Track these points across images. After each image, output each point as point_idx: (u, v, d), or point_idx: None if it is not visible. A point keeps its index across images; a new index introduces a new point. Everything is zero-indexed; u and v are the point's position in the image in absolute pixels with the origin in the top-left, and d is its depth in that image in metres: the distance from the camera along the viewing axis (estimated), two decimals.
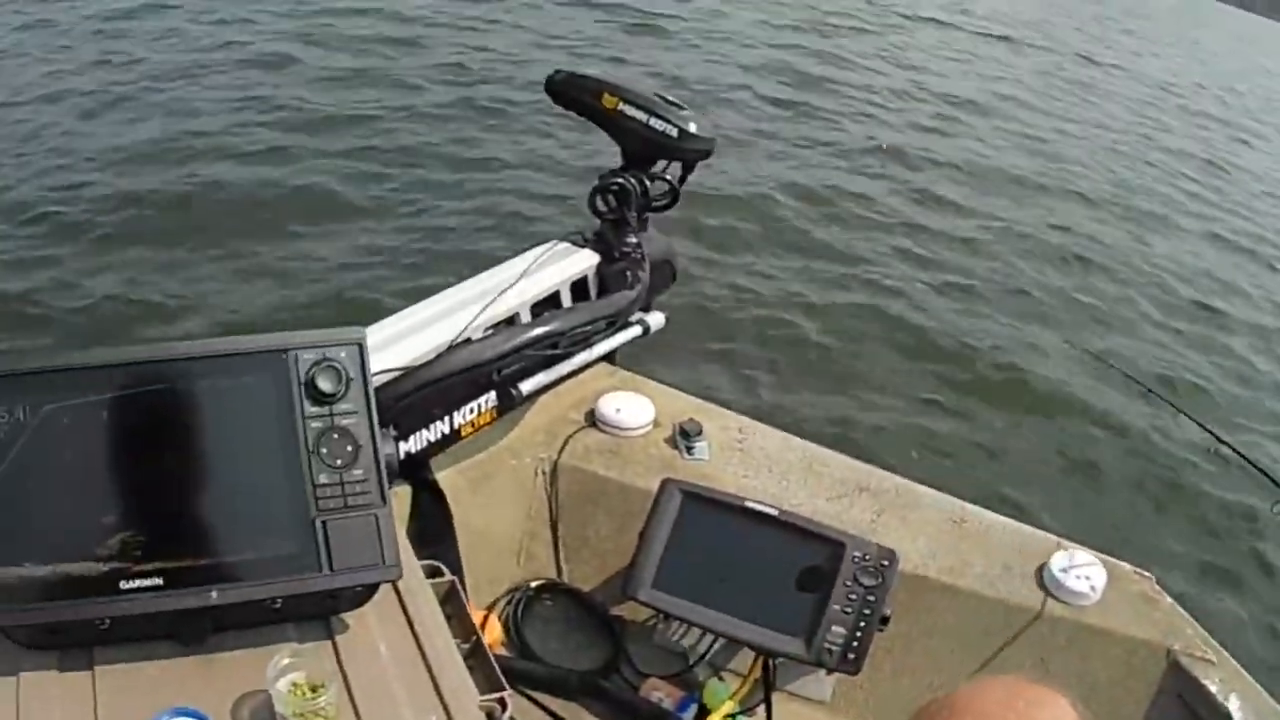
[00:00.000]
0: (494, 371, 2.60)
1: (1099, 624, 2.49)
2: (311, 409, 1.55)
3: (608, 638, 2.67)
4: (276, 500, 1.53)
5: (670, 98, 2.88)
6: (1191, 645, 2.45)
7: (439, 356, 2.44)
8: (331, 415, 1.55)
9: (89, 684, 1.48)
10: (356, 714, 1.48)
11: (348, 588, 1.57)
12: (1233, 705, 2.36)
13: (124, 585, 1.44)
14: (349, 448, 1.55)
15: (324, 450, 1.54)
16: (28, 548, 1.42)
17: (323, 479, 1.53)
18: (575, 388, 2.95)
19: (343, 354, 1.58)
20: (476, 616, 2.05)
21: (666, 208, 3.00)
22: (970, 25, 19.09)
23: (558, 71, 2.95)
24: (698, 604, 2.40)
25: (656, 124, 2.81)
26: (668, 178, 2.98)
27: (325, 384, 1.55)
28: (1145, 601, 2.54)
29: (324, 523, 1.52)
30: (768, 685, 2.44)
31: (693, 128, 2.83)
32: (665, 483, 2.49)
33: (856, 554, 2.35)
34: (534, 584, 2.73)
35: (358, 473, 1.55)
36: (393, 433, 1.66)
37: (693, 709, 2.49)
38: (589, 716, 2.50)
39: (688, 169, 2.95)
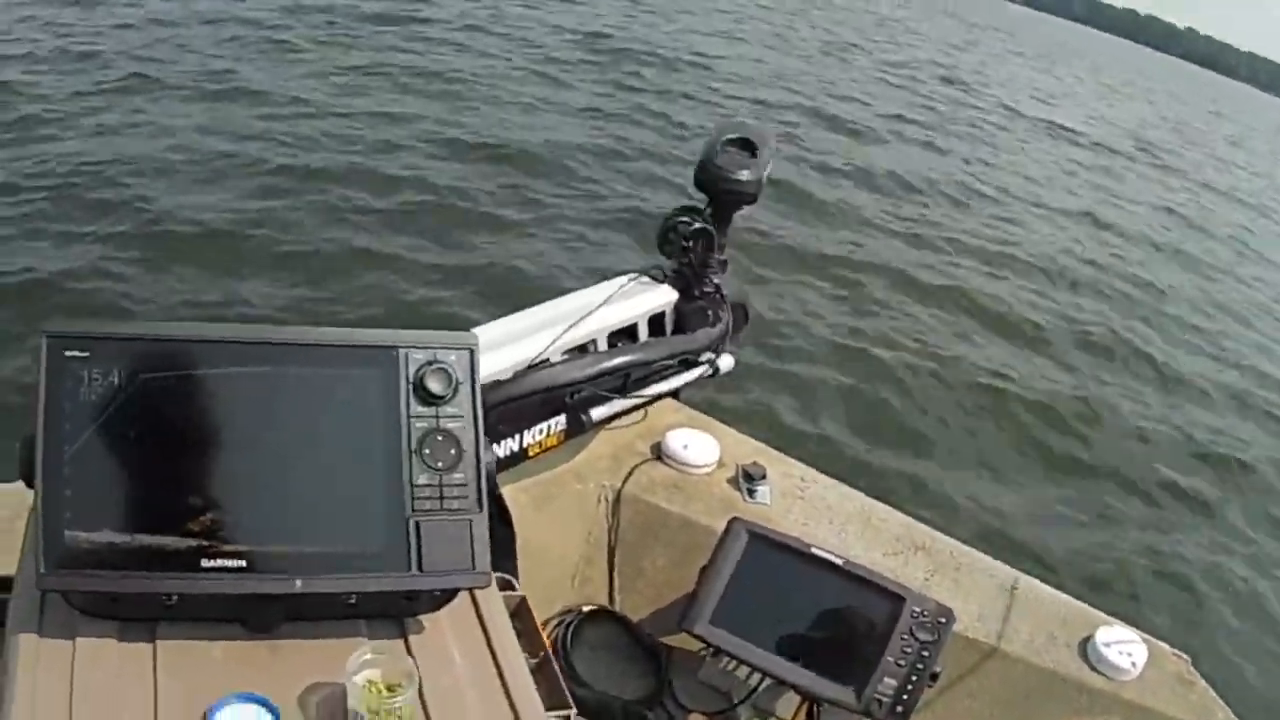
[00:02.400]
0: (568, 395, 2.62)
1: (1137, 700, 2.49)
2: (418, 409, 1.55)
3: (654, 669, 2.66)
4: (371, 496, 1.52)
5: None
6: None
7: (517, 375, 2.46)
8: (437, 417, 1.56)
9: (149, 658, 1.45)
10: (428, 717, 1.46)
11: (434, 590, 1.57)
12: None
13: (205, 564, 1.42)
14: (451, 451, 1.55)
15: (426, 451, 1.54)
16: (108, 514, 1.40)
17: (421, 479, 1.53)
18: (641, 420, 2.97)
19: (453, 357, 1.58)
20: None
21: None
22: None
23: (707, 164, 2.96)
24: (752, 643, 2.40)
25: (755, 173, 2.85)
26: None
27: (434, 385, 1.55)
28: (1180, 683, 2.54)
29: (418, 523, 1.52)
30: None
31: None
32: (733, 521, 2.50)
33: (915, 609, 2.35)
34: (586, 608, 2.73)
35: (457, 477, 1.55)
36: None
37: None
38: None
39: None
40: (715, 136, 2.94)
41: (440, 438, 1.55)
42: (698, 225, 2.92)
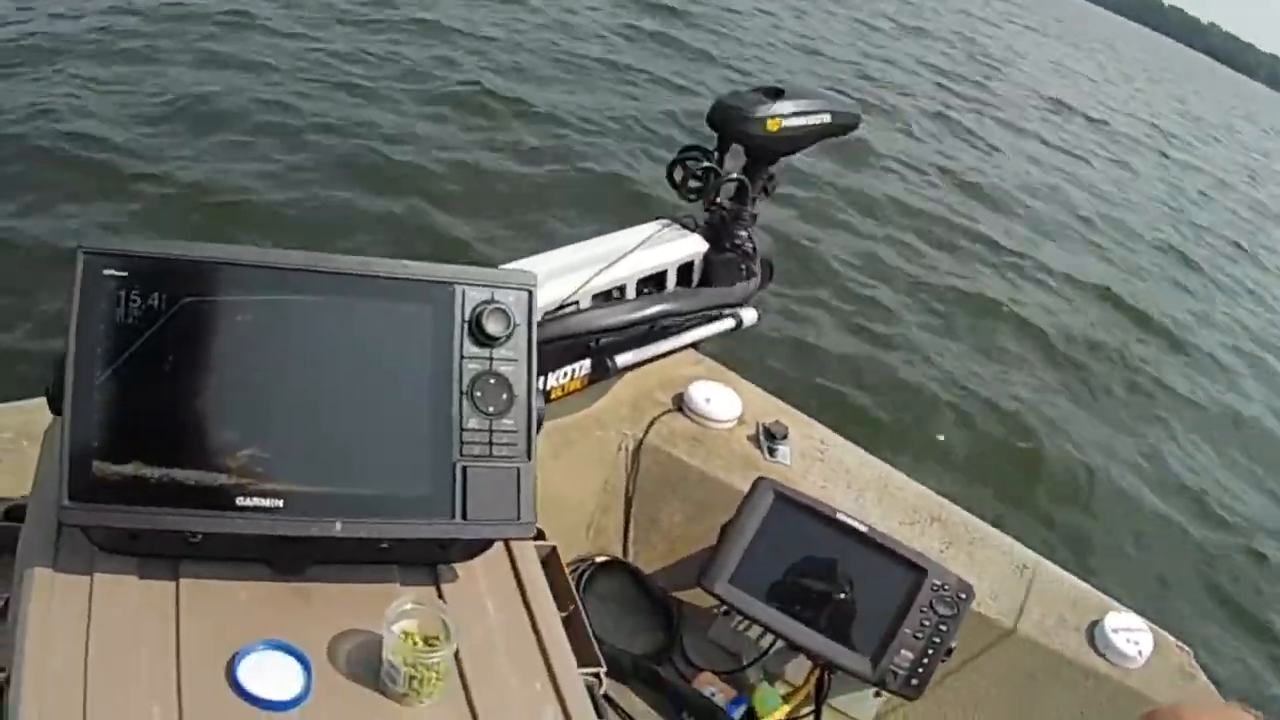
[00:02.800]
0: (594, 340, 2.58)
1: (1139, 688, 2.48)
2: (472, 349, 1.48)
3: (664, 624, 2.64)
4: (418, 439, 1.45)
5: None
6: None
7: (547, 318, 2.41)
8: (491, 359, 1.49)
9: (172, 597, 1.39)
10: (461, 669, 1.41)
11: (477, 539, 1.52)
12: None
13: (240, 501, 1.35)
14: (504, 395, 1.49)
15: (478, 394, 1.47)
16: (139, 446, 1.32)
17: (472, 424, 1.47)
18: (662, 369, 2.93)
19: (511, 297, 1.50)
20: None
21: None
22: None
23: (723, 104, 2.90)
24: (769, 605, 2.37)
25: (814, 119, 2.80)
26: (774, 171, 2.96)
27: (492, 326, 1.48)
28: (1182, 675, 2.54)
29: (465, 469, 1.45)
30: (819, 698, 2.42)
31: (843, 106, 2.89)
32: (760, 480, 2.46)
33: (936, 582, 2.33)
34: (599, 559, 2.70)
35: (508, 423, 1.49)
36: None
37: (743, 709, 2.46)
38: (638, 700, 2.47)
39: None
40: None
41: (493, 381, 1.48)
42: (706, 165, 2.86)
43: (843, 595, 2.36)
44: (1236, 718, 1.02)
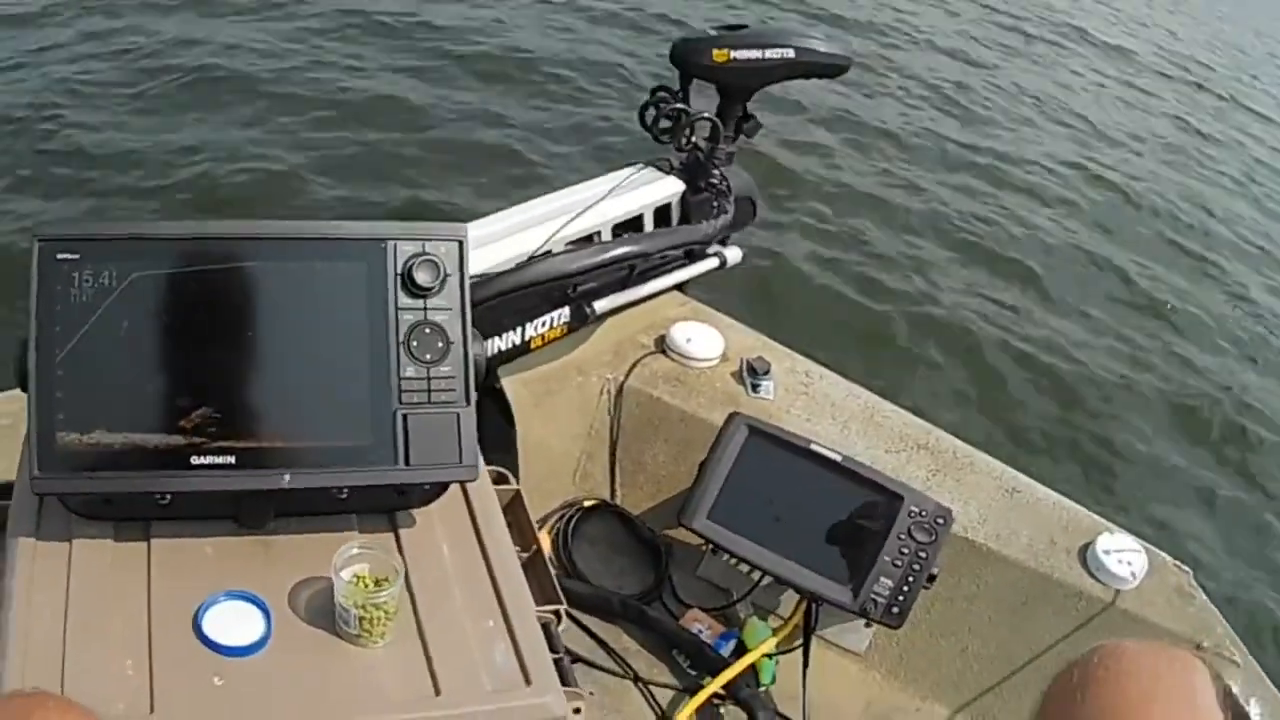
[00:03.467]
0: (571, 287, 2.60)
1: (1133, 610, 2.48)
2: (405, 301, 1.53)
3: (653, 564, 2.67)
4: (359, 390, 1.51)
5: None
6: (1220, 644, 2.44)
7: (519, 266, 2.43)
8: (425, 310, 1.54)
9: (143, 557, 1.47)
10: (415, 611, 1.48)
11: (422, 484, 1.57)
12: (1253, 709, 2.36)
13: (195, 461, 1.43)
14: (439, 343, 1.54)
15: (414, 344, 1.53)
16: (100, 415, 1.41)
17: (409, 372, 1.52)
18: (647, 313, 2.95)
19: (442, 249, 1.56)
20: None
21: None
22: None
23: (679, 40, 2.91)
24: (750, 540, 2.40)
25: (773, 53, 2.79)
26: (754, 114, 2.97)
27: (422, 277, 1.53)
28: (1180, 595, 2.53)
29: (405, 416, 1.51)
30: (808, 630, 2.44)
31: (819, 45, 2.84)
32: (733, 416, 2.49)
33: (913, 508, 2.35)
34: (586, 503, 2.74)
35: (445, 369, 1.54)
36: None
37: (731, 644, 2.49)
38: (628, 639, 2.52)
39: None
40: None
41: (428, 330, 1.54)
42: (677, 106, 2.87)
43: (821, 526, 2.39)
44: (1179, 655, 1.00)
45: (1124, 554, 2.53)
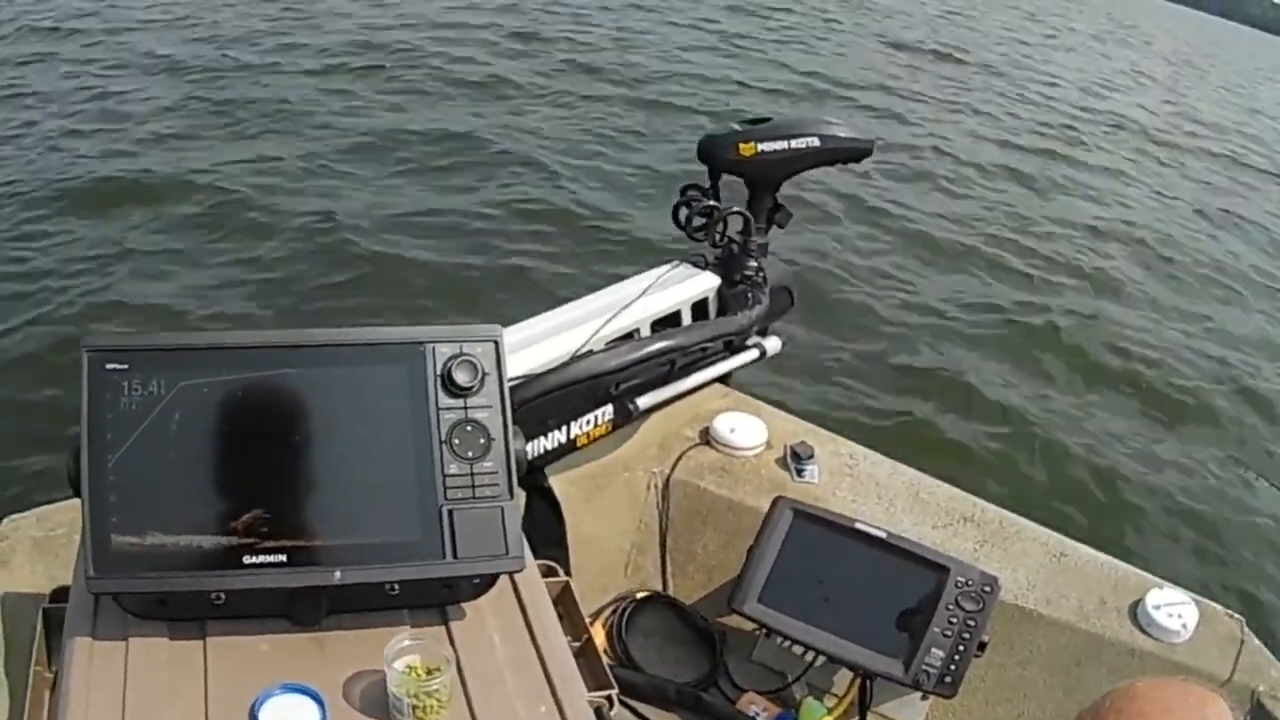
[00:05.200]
0: (613, 385, 2.66)
1: (1188, 662, 2.48)
2: (446, 401, 1.60)
3: (708, 651, 2.69)
4: (405, 487, 1.57)
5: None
6: (1276, 687, 2.44)
7: (560, 366, 2.50)
8: (465, 408, 1.61)
9: (199, 655, 1.51)
10: (468, 700, 1.51)
11: (469, 576, 1.61)
12: None
13: (248, 560, 1.48)
14: (481, 440, 1.60)
15: (456, 441, 1.59)
16: (153, 518, 1.46)
17: (453, 469, 1.58)
18: (690, 406, 3.01)
19: (479, 350, 1.63)
20: None
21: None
22: None
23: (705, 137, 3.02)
24: (801, 620, 2.43)
25: (798, 143, 2.88)
26: (784, 204, 3.05)
27: (461, 377, 1.60)
28: (1233, 642, 2.53)
29: (451, 511, 1.57)
30: (863, 706, 2.46)
31: (842, 132, 2.94)
32: (778, 500, 2.54)
33: (960, 579, 2.38)
34: (639, 594, 2.77)
35: (488, 465, 1.60)
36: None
37: None
38: None
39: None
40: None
41: (469, 428, 1.61)
42: (709, 203, 2.96)
43: (870, 602, 2.42)
44: (1194, 691, 1.02)
45: (1174, 607, 2.54)
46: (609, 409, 2.72)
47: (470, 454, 1.60)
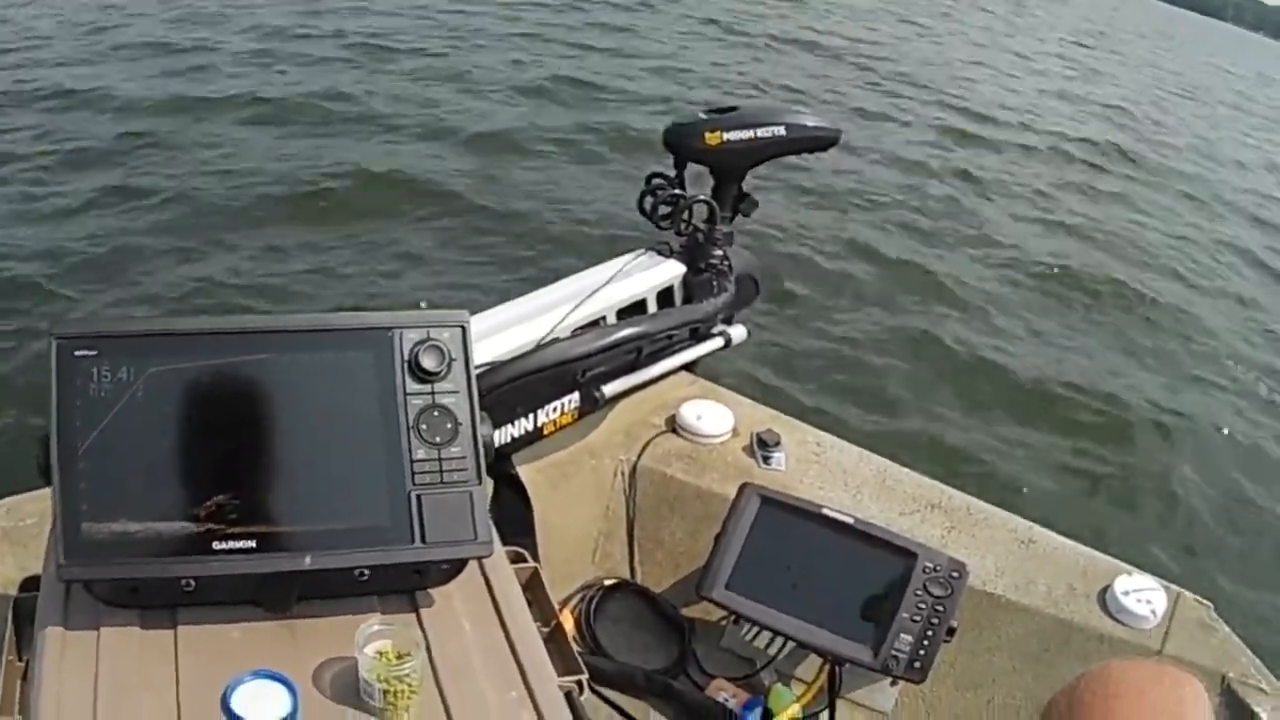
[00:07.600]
0: (579, 372, 2.66)
1: (1155, 647, 2.50)
2: (413, 386, 1.59)
3: (677, 638, 2.70)
4: (373, 473, 1.56)
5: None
6: (1245, 673, 2.45)
7: (526, 353, 2.50)
8: (433, 394, 1.60)
9: (171, 643, 1.50)
10: (439, 685, 1.51)
11: (438, 560, 1.61)
12: None
13: (217, 546, 1.47)
14: (448, 425, 1.60)
15: (423, 427, 1.58)
16: (123, 505, 1.45)
17: (420, 454, 1.58)
18: (656, 394, 3.01)
19: (446, 335, 1.62)
20: None
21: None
22: None
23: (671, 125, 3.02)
24: (769, 607, 2.44)
25: (764, 132, 2.88)
26: (749, 193, 3.06)
27: (428, 362, 1.59)
28: (1202, 628, 2.55)
29: (419, 496, 1.56)
30: (833, 692, 2.47)
31: (809, 120, 2.94)
32: (744, 486, 2.54)
33: (928, 564, 2.38)
34: (607, 582, 2.77)
35: (455, 450, 1.59)
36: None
37: (758, 711, 2.51)
38: (656, 714, 2.54)
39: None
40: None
41: (437, 413, 1.60)
42: (674, 192, 2.96)
43: (838, 589, 2.42)
44: (1169, 673, 1.01)
45: (1143, 593, 2.55)
46: (575, 396, 2.72)
47: (438, 439, 1.59)
